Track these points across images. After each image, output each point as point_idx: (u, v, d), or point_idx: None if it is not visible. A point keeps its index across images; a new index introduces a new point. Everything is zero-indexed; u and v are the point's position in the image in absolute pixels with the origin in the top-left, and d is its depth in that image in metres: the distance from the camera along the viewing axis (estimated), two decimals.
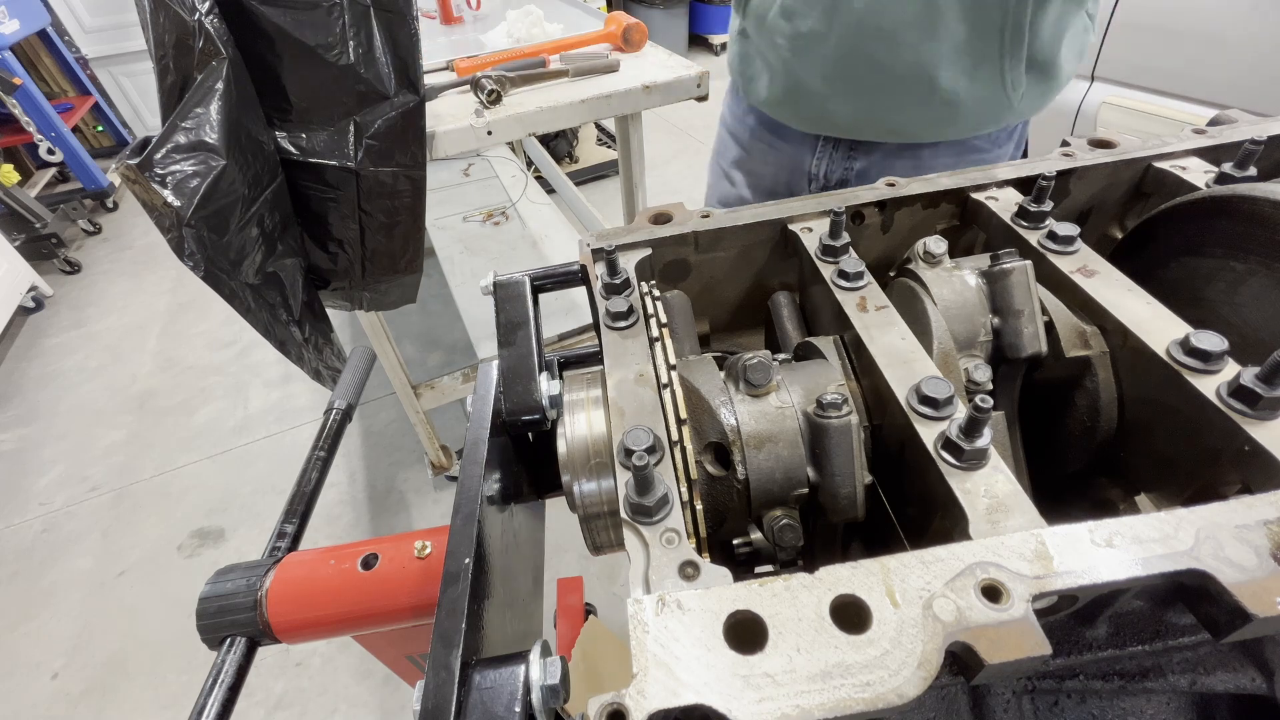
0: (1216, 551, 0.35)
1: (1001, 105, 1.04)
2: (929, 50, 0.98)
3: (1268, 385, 0.41)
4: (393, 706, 1.99)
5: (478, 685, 0.40)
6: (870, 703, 0.31)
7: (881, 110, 1.08)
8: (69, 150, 4.41)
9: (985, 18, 0.95)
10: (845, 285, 0.59)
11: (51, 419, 3.24)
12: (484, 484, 0.51)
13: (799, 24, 1.04)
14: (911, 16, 0.96)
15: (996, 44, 0.97)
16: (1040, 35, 0.97)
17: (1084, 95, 2.36)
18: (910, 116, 1.08)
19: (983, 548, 0.36)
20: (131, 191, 1.23)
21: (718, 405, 0.52)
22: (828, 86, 1.08)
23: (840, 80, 1.06)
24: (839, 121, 1.13)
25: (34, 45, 4.79)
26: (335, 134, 1.38)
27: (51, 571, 2.52)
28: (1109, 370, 0.54)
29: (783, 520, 0.51)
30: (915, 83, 1.01)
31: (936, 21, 0.95)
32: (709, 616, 0.35)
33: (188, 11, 1.18)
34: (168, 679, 2.13)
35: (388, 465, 2.76)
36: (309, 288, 1.63)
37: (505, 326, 0.66)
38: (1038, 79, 1.03)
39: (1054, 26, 0.98)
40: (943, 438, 0.43)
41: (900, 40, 0.98)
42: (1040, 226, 0.63)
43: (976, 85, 1.01)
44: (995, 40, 0.96)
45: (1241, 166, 0.65)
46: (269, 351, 1.66)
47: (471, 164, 4.07)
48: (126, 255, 4.59)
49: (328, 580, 0.64)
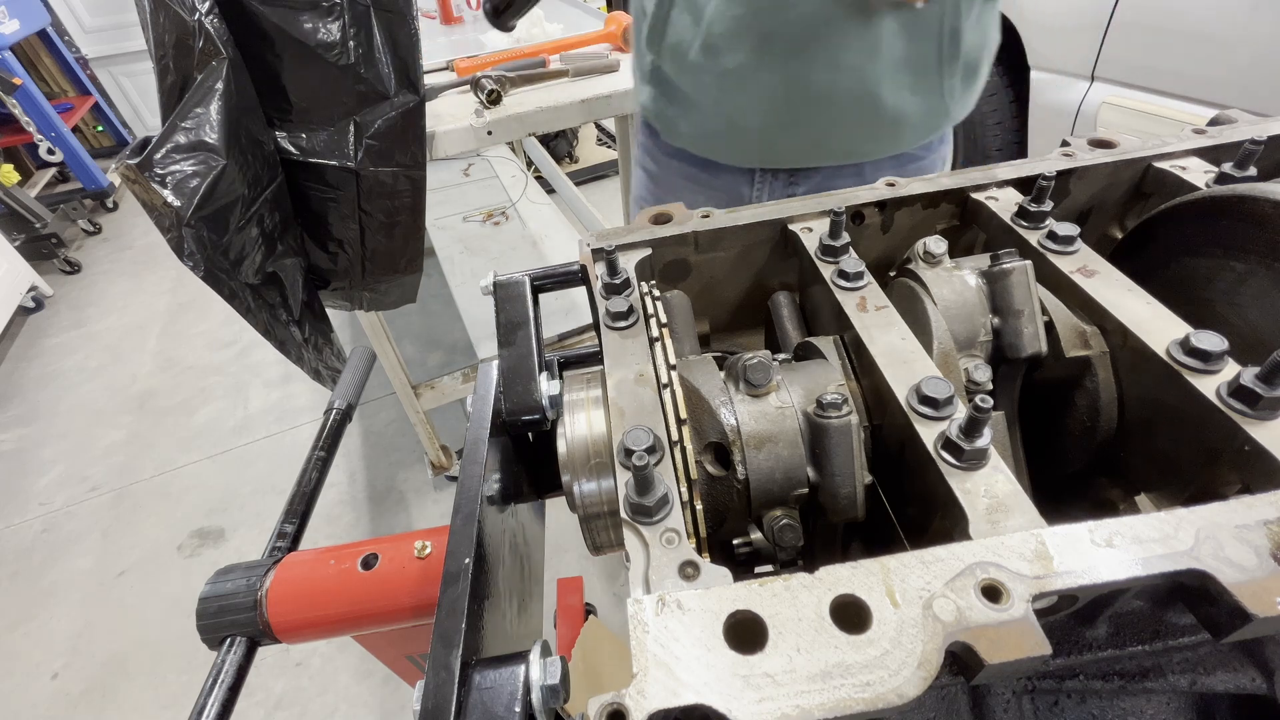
0: (1216, 551, 0.35)
1: (940, 113, 1.04)
2: (871, 71, 0.95)
3: (1268, 385, 0.41)
4: (393, 706, 1.99)
5: (478, 685, 0.40)
6: (870, 703, 0.31)
7: (825, 137, 1.05)
8: (69, 150, 4.41)
9: (923, 29, 0.94)
10: (845, 285, 0.59)
11: (51, 419, 3.24)
12: (484, 484, 0.51)
13: (726, 60, 0.98)
14: (851, 38, 0.93)
15: (935, 54, 0.97)
16: (970, 38, 0.97)
17: (1084, 95, 2.36)
18: (855, 139, 1.06)
19: (983, 548, 0.36)
20: (131, 191, 1.23)
21: (718, 405, 0.52)
22: (766, 121, 1.03)
23: (779, 114, 1.02)
24: (779, 154, 1.09)
25: (34, 45, 4.80)
26: (335, 134, 1.38)
27: (51, 571, 2.52)
28: (1109, 370, 0.54)
29: (783, 520, 0.51)
30: (859, 105, 0.99)
31: (877, 40, 0.93)
32: (709, 616, 0.35)
33: (188, 11, 1.18)
34: (168, 679, 2.13)
35: (388, 465, 2.76)
36: (309, 288, 1.63)
37: (505, 326, 0.66)
38: (968, 82, 1.04)
39: (978, 26, 0.98)
40: (943, 438, 0.43)
41: (841, 64, 0.95)
42: (1040, 226, 0.63)
43: (918, 97, 1.00)
44: (934, 50, 0.96)
45: (1241, 166, 0.65)
46: (269, 351, 1.66)
47: (471, 164, 4.07)
48: (126, 255, 4.59)
49: (328, 580, 0.64)
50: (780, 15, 0.92)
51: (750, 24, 0.94)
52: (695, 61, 1.00)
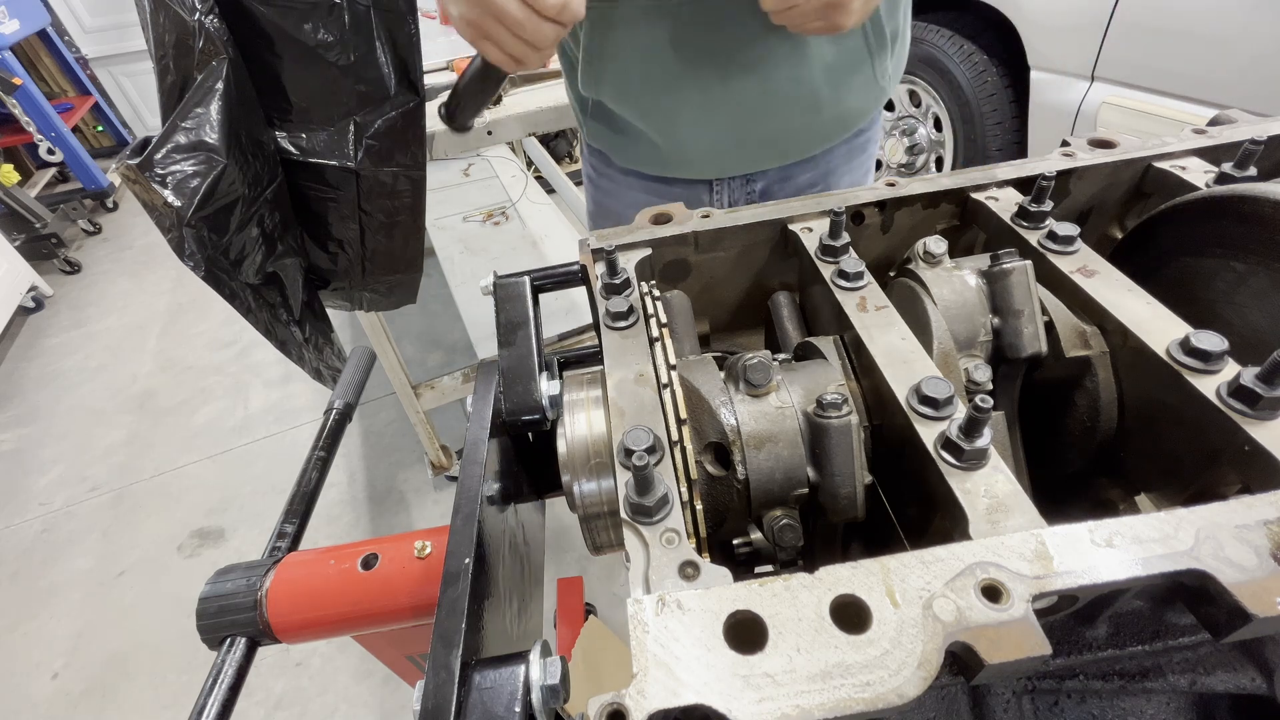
0: (1216, 551, 0.35)
1: (878, 93, 1.08)
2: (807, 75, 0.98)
3: (1268, 385, 0.41)
4: (393, 706, 1.99)
5: (478, 685, 0.40)
6: (870, 703, 0.31)
7: (775, 142, 1.07)
8: (69, 150, 4.42)
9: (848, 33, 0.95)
10: (845, 285, 0.59)
11: (51, 419, 3.24)
12: (484, 484, 0.51)
13: (668, 86, 0.99)
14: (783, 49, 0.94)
15: (863, 47, 0.99)
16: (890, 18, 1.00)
17: (1084, 95, 2.36)
18: (804, 138, 1.09)
19: (983, 548, 0.36)
20: (131, 191, 1.23)
21: (718, 405, 0.52)
22: (716, 137, 1.05)
23: (727, 129, 1.03)
24: (733, 164, 1.11)
25: (34, 45, 4.80)
26: (335, 134, 1.38)
27: (51, 571, 2.52)
28: (1109, 370, 0.54)
29: (783, 520, 0.51)
30: (802, 108, 1.01)
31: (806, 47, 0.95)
32: (709, 616, 0.35)
33: (188, 11, 1.18)
34: (168, 679, 2.13)
35: (388, 465, 2.76)
36: (309, 288, 1.63)
37: (505, 326, 0.66)
38: (898, 54, 1.07)
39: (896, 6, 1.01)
40: (943, 438, 0.43)
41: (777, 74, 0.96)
42: (1040, 226, 0.63)
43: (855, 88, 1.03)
44: (861, 44, 0.99)
45: (1241, 166, 0.65)
46: (269, 351, 1.66)
47: (471, 164, 4.07)
48: (126, 255, 4.60)
49: (328, 580, 0.64)
50: (712, 34, 0.93)
51: (686, 61, 0.95)
52: (637, 93, 1.01)
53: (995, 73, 2.70)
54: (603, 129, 1.13)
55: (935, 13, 2.89)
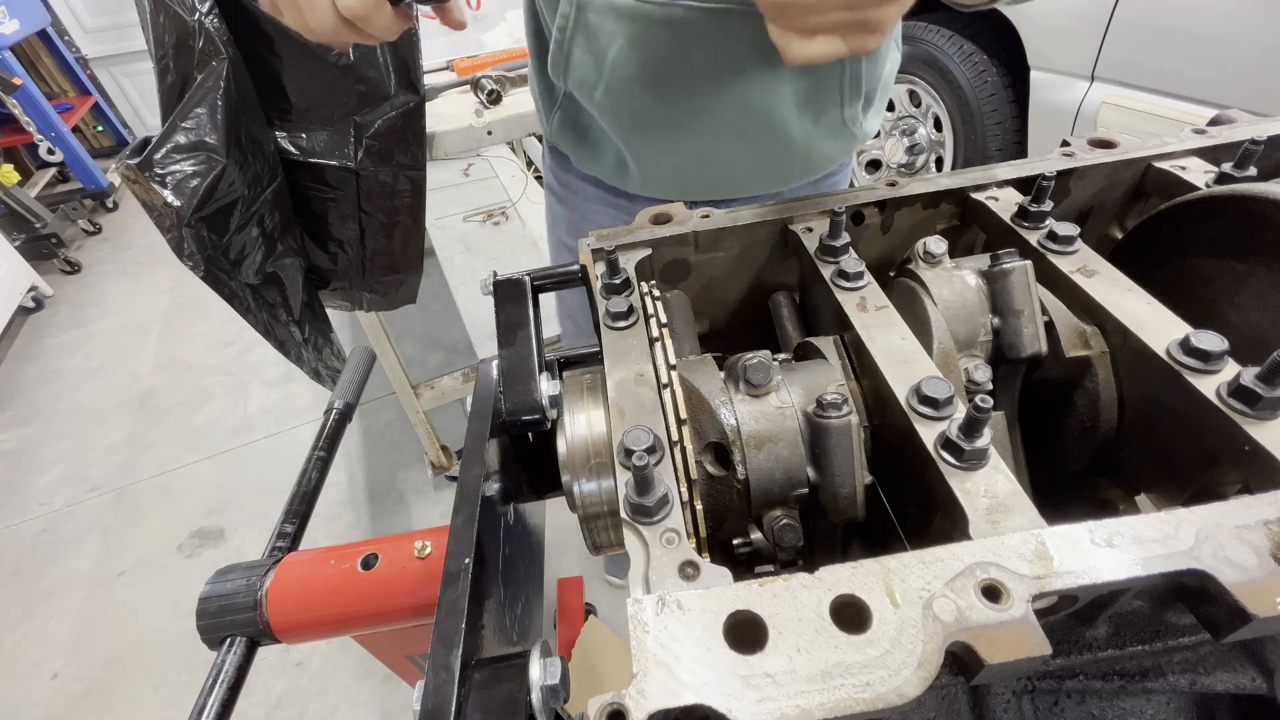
0: (1216, 551, 0.35)
1: (848, 139, 1.07)
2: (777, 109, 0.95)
3: (1268, 385, 0.41)
4: (393, 706, 1.99)
5: (478, 685, 0.40)
6: (870, 703, 0.31)
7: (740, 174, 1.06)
8: (69, 150, 4.42)
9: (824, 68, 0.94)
10: (845, 285, 0.59)
11: (51, 419, 3.24)
12: (484, 484, 0.51)
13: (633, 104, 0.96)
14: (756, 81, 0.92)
15: (836, 91, 0.98)
16: (869, 73, 0.98)
17: (1084, 95, 2.36)
18: (770, 174, 1.07)
19: (983, 548, 0.36)
20: (131, 191, 1.23)
21: (718, 405, 0.52)
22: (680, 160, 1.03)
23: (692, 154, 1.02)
24: (696, 189, 1.08)
25: (34, 45, 4.80)
26: (335, 134, 1.38)
27: (51, 571, 2.52)
28: (1109, 370, 0.54)
29: (783, 520, 0.51)
30: (770, 142, 1.00)
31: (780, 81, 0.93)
32: (709, 616, 0.35)
33: (188, 11, 1.18)
34: (168, 679, 2.13)
35: (388, 465, 2.76)
36: (309, 288, 1.63)
37: (505, 326, 0.66)
38: (873, 110, 1.07)
39: (875, 59, 0.99)
40: (943, 438, 0.43)
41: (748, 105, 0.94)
42: (1040, 226, 0.63)
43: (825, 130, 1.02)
44: (835, 86, 0.97)
45: (1241, 166, 0.65)
46: (269, 351, 1.66)
47: (471, 164, 4.07)
48: (126, 255, 4.60)
49: (328, 580, 0.64)
50: (684, 62, 0.90)
51: (654, 71, 0.92)
52: (601, 102, 0.98)
53: (995, 73, 2.70)
54: (568, 128, 1.09)
55: (935, 13, 2.89)
